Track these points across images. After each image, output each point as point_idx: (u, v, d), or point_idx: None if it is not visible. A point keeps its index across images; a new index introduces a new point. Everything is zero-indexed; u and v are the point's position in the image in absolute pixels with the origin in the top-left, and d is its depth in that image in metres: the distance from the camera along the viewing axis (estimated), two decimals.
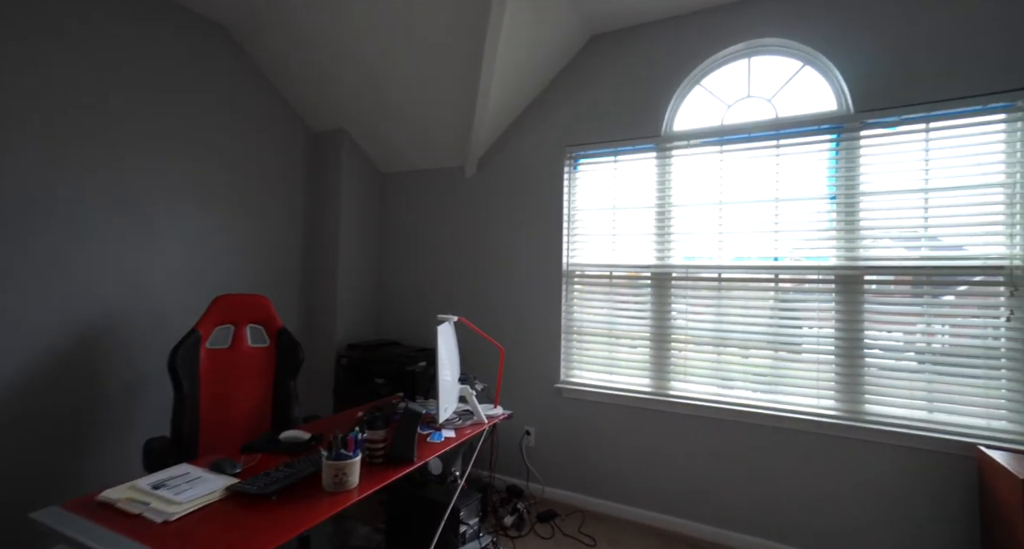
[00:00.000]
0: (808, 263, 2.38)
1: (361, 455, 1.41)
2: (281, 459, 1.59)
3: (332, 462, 1.32)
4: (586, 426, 2.81)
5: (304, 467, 1.46)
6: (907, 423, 2.14)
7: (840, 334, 2.28)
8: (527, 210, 3.04)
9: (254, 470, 1.49)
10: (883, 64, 2.21)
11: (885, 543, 2.13)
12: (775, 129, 2.45)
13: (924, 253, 2.17)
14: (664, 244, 2.71)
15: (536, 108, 3.03)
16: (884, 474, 2.14)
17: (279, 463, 1.53)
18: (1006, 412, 2.01)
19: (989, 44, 2.03)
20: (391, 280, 3.57)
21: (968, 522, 1.99)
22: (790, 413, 2.32)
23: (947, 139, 2.14)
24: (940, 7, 2.11)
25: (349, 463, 1.34)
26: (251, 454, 1.64)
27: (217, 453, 1.67)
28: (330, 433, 1.90)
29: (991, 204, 2.08)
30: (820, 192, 2.37)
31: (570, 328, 2.94)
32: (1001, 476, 1.76)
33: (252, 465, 1.53)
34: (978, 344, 2.06)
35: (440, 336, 1.84)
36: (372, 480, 1.43)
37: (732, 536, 2.41)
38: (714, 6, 2.56)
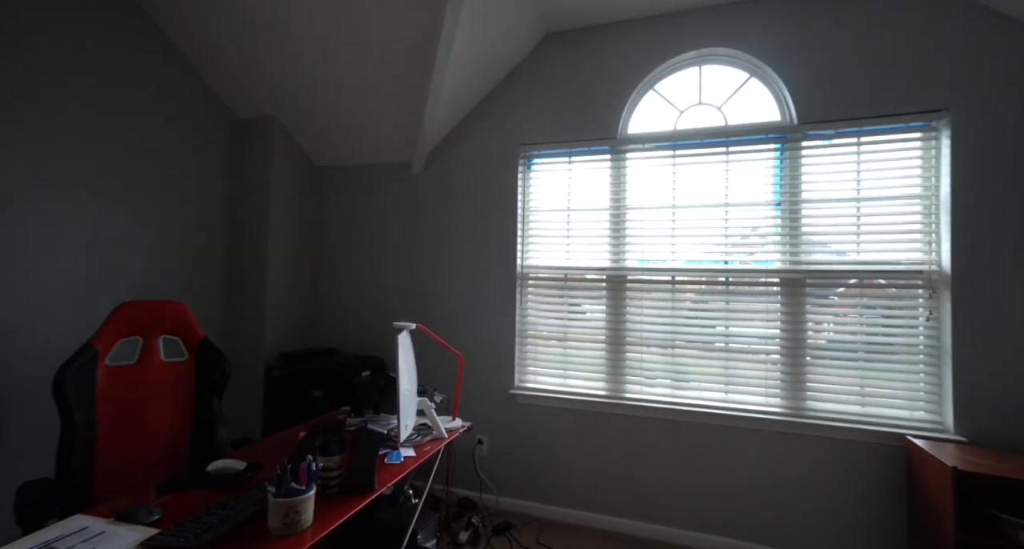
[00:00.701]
0: (756, 267, 2.47)
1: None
2: (212, 498, 1.33)
3: (282, 499, 1.12)
4: (541, 432, 2.73)
5: (243, 507, 1.23)
6: (843, 417, 2.28)
7: (785, 334, 2.39)
8: (479, 210, 2.91)
9: (177, 515, 1.23)
10: (823, 81, 2.34)
11: (825, 528, 2.25)
12: (725, 136, 2.53)
13: (858, 258, 2.33)
14: (619, 247, 2.70)
15: (488, 104, 2.92)
16: (824, 465, 2.27)
17: (210, 503, 1.29)
18: (924, 404, 2.20)
19: (911, 70, 2.22)
20: (328, 282, 3.28)
21: (897, 506, 2.16)
22: (741, 412, 2.40)
23: (875, 153, 2.31)
24: (872, 34, 2.28)
25: (302, 499, 1.14)
26: (171, 494, 1.37)
27: (123, 496, 1.38)
28: (270, 460, 1.66)
29: (911, 214, 2.27)
30: (766, 199, 2.47)
31: (524, 332, 2.85)
32: (929, 463, 1.91)
33: (174, 508, 1.27)
34: (902, 342, 2.25)
35: (400, 346, 1.66)
36: (328, 515, 1.23)
37: (689, 535, 2.45)
38: (668, 13, 2.59)
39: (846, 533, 2.22)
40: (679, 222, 2.60)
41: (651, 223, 2.65)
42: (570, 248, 2.80)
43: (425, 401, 1.93)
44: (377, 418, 2.11)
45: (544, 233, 2.85)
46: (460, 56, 2.44)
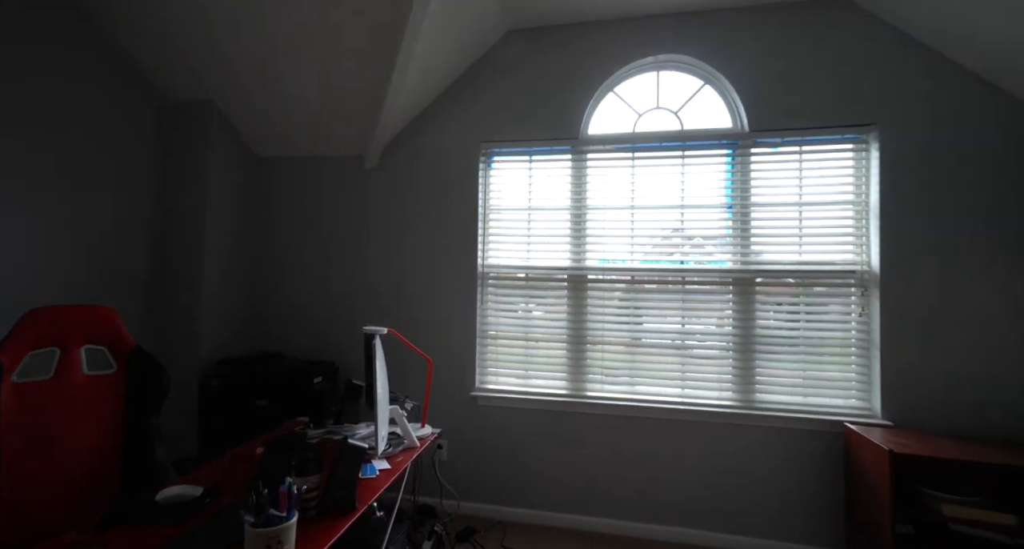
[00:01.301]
0: (710, 267, 2.59)
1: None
2: (168, 532, 1.17)
3: (262, 530, 1.00)
4: (503, 434, 2.70)
5: (212, 541, 1.08)
6: (788, 407, 2.45)
7: (737, 331, 2.53)
8: (439, 207, 2.82)
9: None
10: (771, 92, 2.49)
11: (772, 511, 2.41)
12: (681, 140, 2.63)
13: (800, 259, 2.51)
14: (580, 247, 2.73)
15: (448, 99, 2.83)
16: (771, 452, 2.42)
17: (167, 538, 1.12)
18: (856, 392, 2.42)
19: (846, 87, 2.42)
20: (272, 282, 3.03)
21: (836, 486, 2.35)
22: (696, 406, 2.50)
23: (815, 161, 2.50)
24: (815, 52, 2.45)
25: (285, 528, 1.02)
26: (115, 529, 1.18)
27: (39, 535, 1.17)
28: (227, 483, 1.49)
29: (845, 218, 2.48)
30: (719, 202, 2.60)
31: (485, 332, 2.80)
32: (866, 447, 2.10)
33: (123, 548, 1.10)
34: (838, 336, 2.45)
35: (376, 351, 1.56)
36: (310, 541, 1.12)
37: (649, 527, 2.52)
38: (628, 17, 2.65)
39: (792, 514, 2.39)
40: (638, 223, 2.67)
41: (611, 223, 2.70)
42: (531, 247, 2.78)
43: (396, 409, 1.83)
44: (341, 428, 1.97)
45: (505, 232, 2.82)
46: (424, 47, 2.34)
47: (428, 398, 2.04)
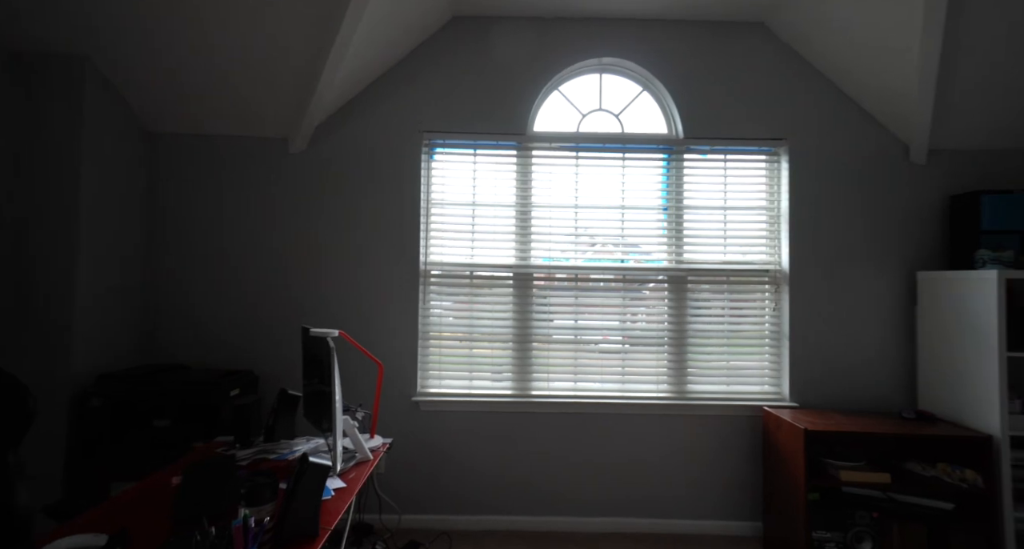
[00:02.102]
0: (648, 266, 2.71)
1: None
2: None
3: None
4: (447, 439, 2.59)
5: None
6: (715, 395, 2.66)
7: (672, 326, 2.68)
8: (377, 199, 2.62)
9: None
10: (703, 103, 2.67)
11: (705, 491, 2.59)
12: (622, 143, 2.71)
13: (724, 258, 2.72)
14: (525, 244, 2.70)
15: (388, 82, 2.63)
16: (702, 438, 2.61)
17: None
18: (769, 378, 2.69)
19: (763, 104, 2.67)
20: (168, 281, 2.59)
21: (755, 464, 2.60)
22: (637, 399, 2.61)
23: (737, 170, 2.73)
24: (740, 69, 2.67)
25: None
26: None
27: None
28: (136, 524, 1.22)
29: (761, 222, 2.74)
30: (657, 203, 2.73)
31: (427, 334, 2.66)
32: (784, 427, 2.34)
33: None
34: (754, 329, 2.71)
35: (333, 357, 1.38)
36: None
37: (593, 521, 2.57)
38: (576, 17, 2.66)
39: (721, 493, 2.59)
40: (582, 222, 2.71)
41: (556, 222, 2.71)
42: (476, 244, 2.69)
43: (347, 420, 1.65)
44: (276, 446, 1.73)
45: (449, 228, 2.69)
46: (368, 23, 2.13)
47: (377, 406, 1.87)
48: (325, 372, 1.53)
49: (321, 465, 1.17)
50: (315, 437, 1.91)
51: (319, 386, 1.63)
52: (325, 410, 1.65)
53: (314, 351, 1.70)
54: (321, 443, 1.81)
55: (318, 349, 1.63)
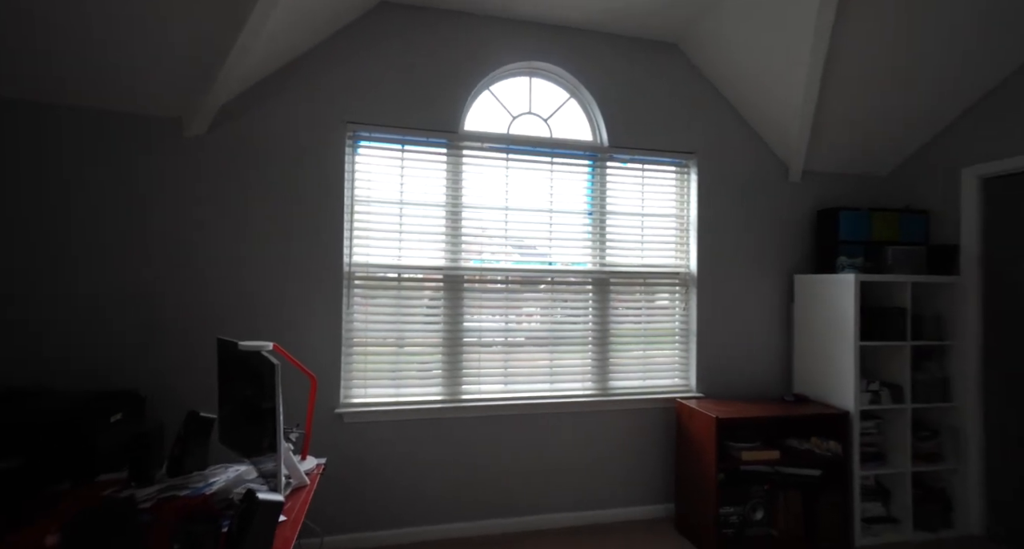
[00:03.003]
0: (574, 268, 2.80)
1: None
2: None
3: None
4: (374, 452, 2.44)
5: None
6: (633, 390, 2.84)
7: (595, 326, 2.81)
8: (294, 193, 2.36)
9: None
10: (624, 114, 2.82)
11: (628, 481, 2.76)
12: (550, 147, 2.77)
13: (642, 261, 2.91)
14: (456, 246, 2.63)
15: (309, 66, 2.39)
16: (623, 431, 2.78)
17: None
18: (679, 372, 2.95)
19: (675, 120, 2.91)
20: (17, 286, 2.08)
21: (669, 452, 2.83)
22: (564, 398, 2.69)
23: (653, 179, 2.94)
24: (654, 85, 2.87)
25: None
26: None
27: None
28: None
29: (672, 228, 2.99)
30: (582, 208, 2.83)
31: (351, 341, 2.47)
32: (696, 417, 2.58)
33: None
34: (667, 327, 2.95)
35: (277, 375, 1.22)
36: None
37: (527, 519, 2.61)
38: (506, 18, 2.65)
39: (638, 481, 2.79)
40: (512, 224, 2.72)
41: (487, 223, 2.68)
42: (404, 245, 2.57)
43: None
44: (188, 480, 1.48)
45: (375, 227, 2.53)
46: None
47: (311, 424, 1.69)
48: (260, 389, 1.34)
49: (273, 501, 1.03)
50: (234, 464, 1.67)
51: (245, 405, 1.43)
52: (251, 432, 1.45)
53: (237, 366, 1.48)
54: (244, 470, 1.60)
55: (245, 364, 1.43)
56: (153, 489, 1.45)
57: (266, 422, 1.32)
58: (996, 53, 2.51)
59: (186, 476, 1.53)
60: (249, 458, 1.49)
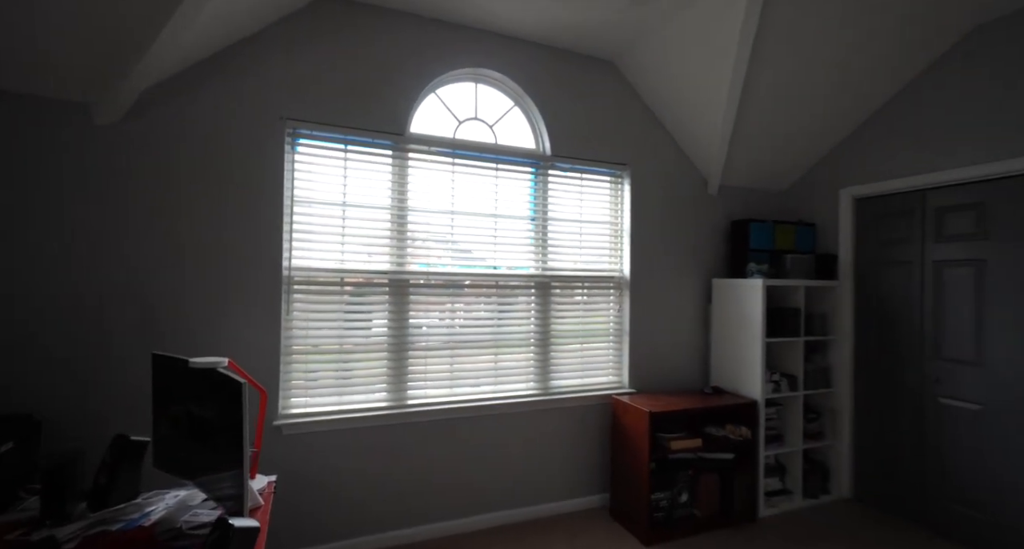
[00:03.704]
0: (519, 272, 2.88)
1: None
2: None
3: None
4: (316, 464, 2.33)
5: None
6: (572, 388, 2.99)
7: (537, 328, 2.91)
8: (227, 192, 2.18)
9: None
10: (566, 122, 2.95)
11: (570, 475, 2.90)
12: (495, 153, 2.81)
13: (582, 266, 3.06)
14: (402, 249, 2.59)
15: (244, 54, 2.21)
16: (565, 428, 2.91)
17: None
18: (613, 369, 3.15)
19: (611, 133, 3.09)
20: None
21: (604, 445, 3.02)
22: (508, 399, 2.76)
23: (591, 187, 3.10)
24: (593, 99, 3.03)
25: None
26: None
27: None
28: None
29: (607, 235, 3.17)
30: (525, 213, 2.91)
31: (290, 348, 2.34)
32: (630, 411, 2.78)
33: None
34: (603, 328, 3.13)
35: (246, 394, 1.14)
36: None
37: (477, 519, 2.65)
38: (453, 22, 2.64)
39: (577, 475, 2.94)
40: (457, 228, 2.73)
41: (433, 227, 2.67)
42: (347, 248, 2.48)
43: None
44: (119, 513, 1.33)
45: (317, 230, 2.41)
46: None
47: (260, 441, 1.58)
48: (216, 407, 1.25)
49: (250, 528, 0.97)
50: (170, 490, 1.52)
51: (193, 424, 1.32)
52: (201, 453, 1.34)
53: (181, 384, 1.36)
54: (186, 495, 1.46)
55: (192, 381, 1.32)
56: (76, 526, 1.28)
57: (220, 442, 1.24)
58: (863, 95, 2.98)
59: (117, 508, 1.37)
60: (196, 481, 1.37)
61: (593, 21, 2.63)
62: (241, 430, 1.15)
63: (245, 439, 1.16)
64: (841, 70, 2.79)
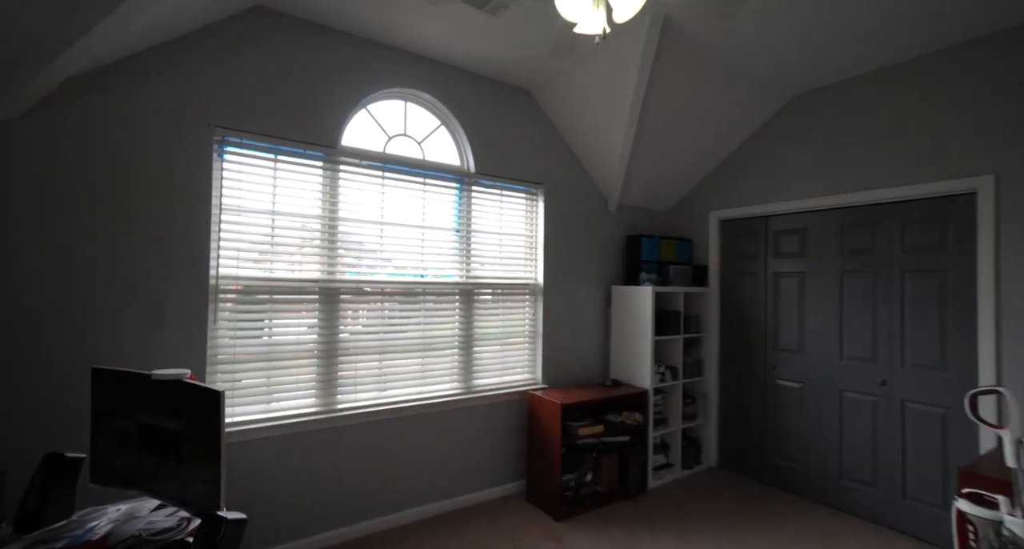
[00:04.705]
0: (444, 280, 3.08)
1: None
2: None
3: None
4: (251, 472, 2.31)
5: None
6: (493, 387, 3.26)
7: (461, 332, 3.13)
8: (150, 197, 2.09)
9: None
10: (488, 143, 3.22)
11: (493, 467, 3.15)
12: (424, 169, 2.99)
13: (502, 274, 3.35)
14: (332, 258, 2.65)
15: (172, 58, 2.13)
16: (486, 424, 3.17)
17: None
18: (528, 368, 3.48)
19: (526, 156, 3.43)
20: None
21: (522, 436, 3.33)
22: (434, 399, 2.95)
23: (510, 203, 3.41)
24: (512, 122, 3.34)
25: None
26: None
27: None
28: None
29: (523, 246, 3.51)
30: (451, 225, 3.12)
31: (216, 358, 2.29)
32: (545, 405, 3.12)
33: None
34: (519, 330, 3.45)
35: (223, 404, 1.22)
36: None
37: (406, 513, 2.79)
38: (386, 44, 2.78)
39: (498, 465, 3.21)
40: (387, 239, 2.85)
41: (364, 237, 2.77)
42: (277, 257, 2.48)
43: None
44: (58, 531, 1.31)
45: (245, 238, 2.39)
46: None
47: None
48: (176, 418, 1.29)
49: (239, 519, 1.08)
50: (105, 505, 1.48)
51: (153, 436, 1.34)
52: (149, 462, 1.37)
53: (133, 396, 1.37)
54: (130, 507, 1.45)
55: (147, 393, 1.34)
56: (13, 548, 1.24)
57: (188, 448, 1.29)
58: (724, 139, 3.68)
59: (52, 528, 1.33)
60: (149, 489, 1.39)
61: (515, 57, 2.93)
62: (219, 433, 1.23)
63: (222, 441, 1.23)
64: (707, 119, 3.43)
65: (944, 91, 2.72)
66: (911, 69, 2.87)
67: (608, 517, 3.01)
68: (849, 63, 2.95)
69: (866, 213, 3.09)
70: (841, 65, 2.98)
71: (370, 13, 2.45)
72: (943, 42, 2.67)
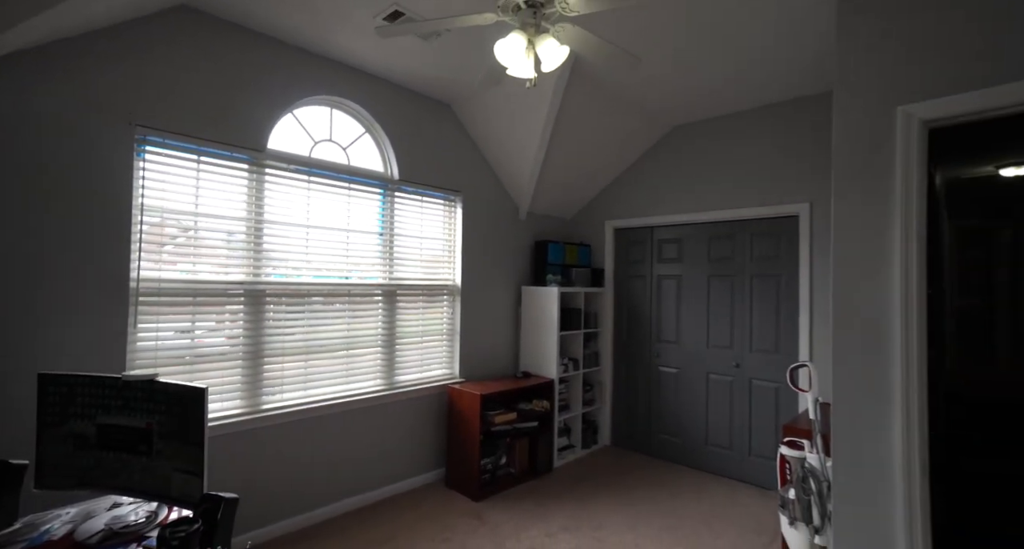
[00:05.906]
0: (368, 282, 3.21)
1: None
2: None
3: None
4: None
5: None
6: (414, 382, 3.46)
7: (383, 331, 3.29)
8: (60, 197, 1.99)
9: None
10: (410, 152, 3.41)
11: (415, 458, 3.34)
12: (349, 174, 3.10)
13: (423, 276, 3.55)
14: (258, 260, 2.68)
15: (90, 50, 2.04)
16: (406, 417, 3.35)
17: None
18: (446, 363, 3.73)
19: (446, 162, 3.68)
20: None
21: (442, 427, 3.56)
22: (359, 396, 3.08)
23: (430, 209, 3.63)
24: (432, 134, 3.56)
25: None
26: None
27: None
28: None
29: (443, 250, 3.74)
30: (374, 229, 3.26)
31: (134, 363, 2.23)
32: (464, 396, 3.39)
33: None
34: (437, 328, 3.68)
35: (207, 401, 1.33)
36: None
37: (338, 506, 2.88)
38: (314, 52, 2.85)
39: (421, 454, 3.41)
40: (312, 241, 2.93)
41: (290, 240, 2.82)
42: (200, 259, 2.46)
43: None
44: (12, 535, 1.31)
45: (167, 240, 2.34)
46: None
47: None
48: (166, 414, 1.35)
49: (232, 498, 1.22)
50: (52, 509, 1.47)
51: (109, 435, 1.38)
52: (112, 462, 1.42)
53: (88, 398, 1.40)
54: (83, 508, 1.46)
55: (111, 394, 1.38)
56: None
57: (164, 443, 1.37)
58: (616, 159, 4.26)
59: (2, 533, 1.32)
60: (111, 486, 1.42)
61: (440, 73, 3.17)
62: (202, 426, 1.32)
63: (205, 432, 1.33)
64: (606, 141, 3.96)
65: (782, 135, 3.49)
66: (759, 114, 3.62)
67: (521, 494, 3.37)
68: (716, 104, 3.63)
69: (728, 227, 3.81)
70: (708, 105, 3.66)
71: (304, 26, 2.53)
72: (775, 99, 3.43)
